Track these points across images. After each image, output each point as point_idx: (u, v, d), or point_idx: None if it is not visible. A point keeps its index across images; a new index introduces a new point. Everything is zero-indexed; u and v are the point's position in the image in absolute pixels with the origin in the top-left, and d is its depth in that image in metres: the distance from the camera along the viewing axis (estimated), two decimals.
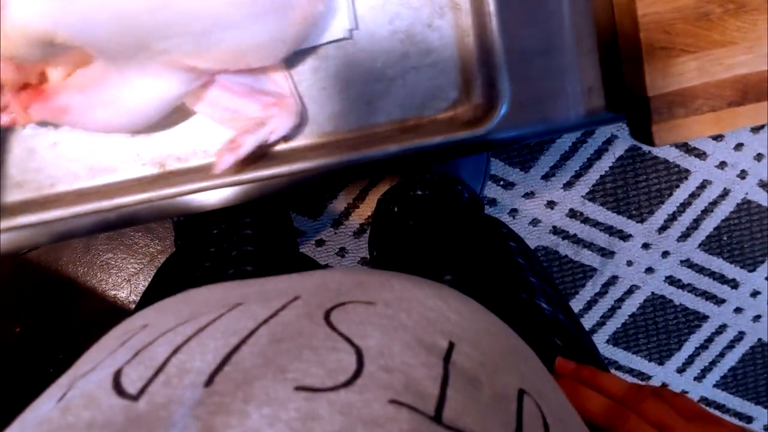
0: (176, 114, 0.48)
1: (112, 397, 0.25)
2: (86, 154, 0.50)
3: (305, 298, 0.31)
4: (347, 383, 0.24)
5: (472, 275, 0.64)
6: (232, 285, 0.37)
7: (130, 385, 0.25)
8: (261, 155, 0.49)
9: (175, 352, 0.27)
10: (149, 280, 0.78)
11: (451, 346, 0.28)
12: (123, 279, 1.43)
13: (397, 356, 0.26)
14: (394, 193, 1.18)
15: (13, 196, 0.49)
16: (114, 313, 1.41)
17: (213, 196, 0.51)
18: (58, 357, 1.43)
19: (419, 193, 1.12)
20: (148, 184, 0.49)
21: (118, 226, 0.51)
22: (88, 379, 0.27)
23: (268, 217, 0.96)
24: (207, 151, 0.50)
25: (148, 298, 0.71)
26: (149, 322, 0.32)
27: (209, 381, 0.25)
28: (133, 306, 1.40)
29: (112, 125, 0.41)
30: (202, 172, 0.49)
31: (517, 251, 0.69)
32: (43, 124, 0.47)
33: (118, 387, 0.25)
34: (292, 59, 0.49)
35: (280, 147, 0.50)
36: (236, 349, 0.26)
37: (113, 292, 1.43)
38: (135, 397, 0.24)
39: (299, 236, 1.44)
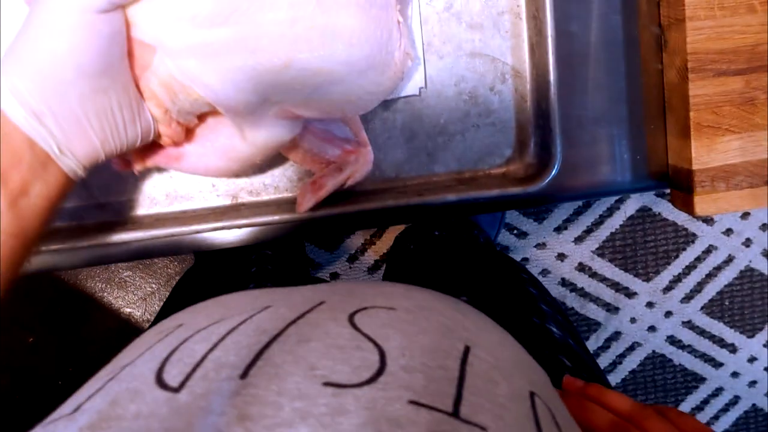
0: None
1: (155, 390, 0.26)
2: (165, 181, 0.54)
3: (330, 303, 0.33)
4: (371, 380, 0.26)
5: (486, 301, 0.66)
6: (258, 292, 0.38)
7: (171, 379, 0.27)
8: (331, 196, 0.53)
9: (211, 349, 0.28)
10: (165, 300, 0.81)
11: (467, 349, 0.30)
12: (139, 297, 1.46)
13: (417, 357, 0.28)
14: (412, 233, 1.21)
15: (96, 217, 0.53)
16: (128, 331, 1.43)
17: (279, 230, 0.55)
18: (68, 370, 1.45)
19: (437, 233, 1.15)
20: (221, 214, 0.53)
21: (187, 251, 0.54)
22: (130, 372, 0.28)
23: (286, 241, 0.99)
24: (278, 186, 0.54)
25: (167, 310, 0.74)
26: (184, 322, 0.34)
27: (244, 374, 0.26)
28: (147, 325, 1.42)
29: (223, 172, 0.45)
30: (272, 206, 0.53)
31: (529, 282, 0.72)
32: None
33: (160, 381, 0.27)
34: None
35: (349, 189, 0.54)
36: (267, 345, 0.28)
37: (128, 310, 1.46)
38: (177, 389, 0.26)
39: (315, 268, 1.48)
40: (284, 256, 0.91)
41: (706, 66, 0.49)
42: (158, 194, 0.54)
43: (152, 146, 0.43)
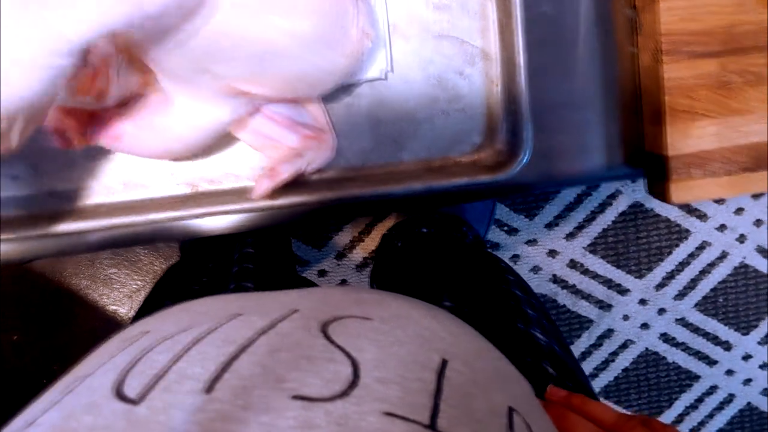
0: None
1: (113, 402, 0.25)
2: (122, 169, 0.52)
3: (303, 311, 0.32)
4: (343, 394, 0.25)
5: (470, 304, 0.65)
6: (231, 297, 0.37)
7: (131, 391, 0.26)
8: (292, 184, 0.51)
9: (175, 359, 0.27)
10: (145, 298, 0.79)
11: (444, 362, 0.29)
12: (125, 295, 1.44)
13: (393, 369, 0.27)
14: (400, 230, 1.19)
15: (48, 205, 0.51)
16: (113, 328, 1.41)
17: (241, 220, 0.53)
18: (53, 368, 1.44)
19: (424, 230, 1.14)
20: (180, 203, 0.51)
21: (146, 242, 0.52)
22: (88, 384, 0.27)
23: (270, 238, 0.98)
24: (238, 176, 0.52)
25: (147, 308, 0.72)
26: (150, 329, 0.33)
27: (209, 388, 0.25)
28: None
29: (162, 152, 0.43)
30: (232, 195, 0.51)
31: (515, 284, 0.70)
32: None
33: (119, 393, 0.26)
34: (328, 95, 0.51)
35: (312, 177, 0.52)
36: (235, 357, 0.27)
37: (114, 308, 1.44)
38: (136, 402, 0.25)
39: (302, 265, 1.46)
40: (268, 254, 0.89)
41: (680, 48, 0.47)
42: (115, 183, 0.52)
43: (92, 124, 0.42)
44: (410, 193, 0.51)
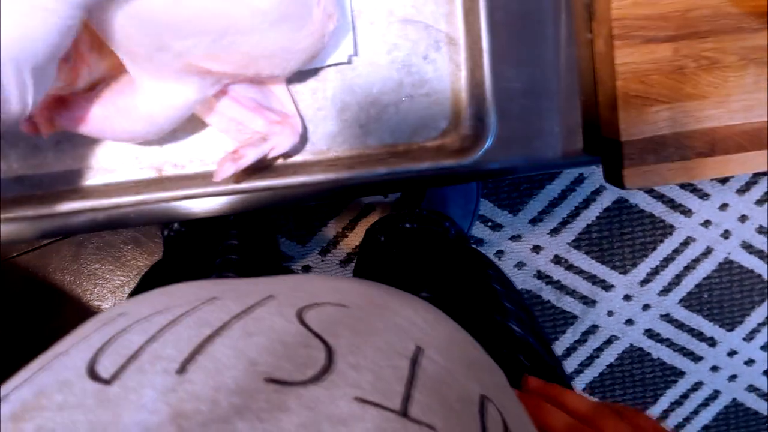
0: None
1: (85, 382, 0.25)
2: (87, 153, 0.52)
3: (280, 297, 0.32)
4: (316, 378, 0.25)
5: (448, 295, 0.65)
6: (208, 283, 0.37)
7: (103, 370, 0.26)
8: (258, 168, 0.51)
9: (149, 340, 0.27)
10: (129, 293, 0.79)
11: (419, 350, 0.29)
12: (108, 291, 1.44)
13: (367, 356, 0.27)
14: (383, 224, 1.20)
15: (13, 191, 0.51)
16: None
17: (206, 204, 0.53)
18: None
19: (407, 225, 1.14)
20: (145, 187, 0.51)
21: (109, 227, 0.52)
22: (62, 362, 0.28)
23: (255, 230, 0.98)
24: (203, 159, 0.52)
25: None
26: (126, 311, 0.33)
27: (181, 369, 0.25)
28: None
29: (129, 134, 0.43)
30: (197, 179, 0.51)
31: (494, 279, 0.71)
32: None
33: (91, 372, 0.26)
34: (294, 79, 0.51)
35: (277, 162, 0.52)
36: (208, 339, 0.27)
37: (97, 303, 1.44)
38: (108, 381, 0.25)
39: (286, 261, 1.46)
40: (252, 246, 0.89)
41: (633, 33, 0.47)
42: (80, 166, 0.52)
43: (58, 108, 0.42)
44: (374, 178, 0.51)
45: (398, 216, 1.23)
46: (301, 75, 0.52)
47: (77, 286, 1.43)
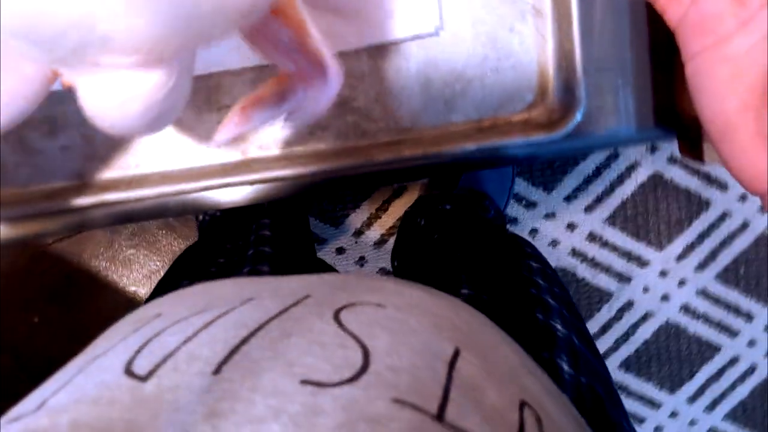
0: None
1: (120, 378, 0.25)
2: (170, 138, 0.51)
3: (316, 297, 0.32)
4: (352, 379, 0.25)
5: (489, 291, 0.64)
6: (245, 281, 0.37)
7: (140, 368, 0.26)
8: (338, 150, 0.50)
9: (185, 341, 0.28)
10: (161, 278, 0.79)
11: (457, 352, 0.29)
12: (144, 276, 1.44)
13: (404, 358, 0.27)
14: (422, 206, 1.19)
15: (101, 175, 0.50)
16: (132, 308, 1.41)
17: (284, 187, 0.52)
18: (73, 349, 1.43)
19: (447, 207, 1.13)
20: (231, 170, 0.50)
21: (147, 217, 0.52)
22: (99, 364, 0.28)
23: (288, 219, 0.97)
24: (286, 140, 0.51)
25: (162, 288, 0.72)
26: (162, 311, 0.33)
27: (217, 370, 0.25)
28: None
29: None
30: (283, 160, 0.50)
31: (537, 272, 0.70)
32: None
33: (128, 369, 0.26)
34: (377, 56, 0.50)
35: (360, 143, 0.51)
36: (245, 340, 0.27)
37: (133, 288, 1.44)
38: (143, 379, 0.25)
39: (320, 243, 1.45)
40: (285, 236, 0.88)
41: None
42: (164, 151, 0.51)
43: None
44: (463, 154, 0.50)
45: (437, 197, 1.23)
46: (384, 53, 0.50)
47: (112, 271, 1.43)
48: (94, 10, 0.25)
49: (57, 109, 0.49)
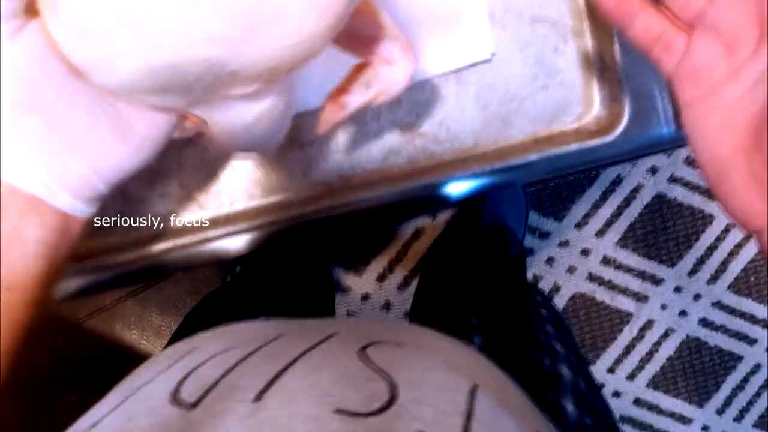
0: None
1: (170, 407, 0.27)
2: (260, 175, 0.55)
3: (341, 335, 0.35)
4: (381, 410, 0.26)
5: (501, 338, 0.68)
6: (271, 322, 0.40)
7: (187, 397, 0.28)
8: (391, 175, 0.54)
9: (225, 373, 0.30)
10: (178, 326, 0.81)
11: (476, 387, 0.31)
12: None
13: (426, 392, 0.29)
14: (444, 246, 1.22)
15: (196, 216, 0.55)
16: None
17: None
18: None
19: (471, 247, 1.17)
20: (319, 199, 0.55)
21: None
22: (146, 391, 0.29)
23: (307, 270, 1.00)
24: (367, 169, 0.56)
25: (180, 334, 0.74)
26: (197, 346, 0.35)
27: (258, 398, 0.27)
28: None
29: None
30: (365, 185, 0.55)
31: (548, 319, 0.73)
32: None
33: (176, 398, 0.28)
34: (439, 85, 0.56)
35: (423, 164, 0.56)
36: (281, 373, 0.29)
37: None
38: (192, 406, 0.27)
39: (345, 291, 1.49)
40: (300, 286, 0.91)
41: None
42: (254, 188, 0.55)
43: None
44: (527, 164, 0.55)
45: (460, 235, 1.27)
46: (444, 82, 0.56)
47: (144, 342, 1.45)
48: (223, 53, 0.30)
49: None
